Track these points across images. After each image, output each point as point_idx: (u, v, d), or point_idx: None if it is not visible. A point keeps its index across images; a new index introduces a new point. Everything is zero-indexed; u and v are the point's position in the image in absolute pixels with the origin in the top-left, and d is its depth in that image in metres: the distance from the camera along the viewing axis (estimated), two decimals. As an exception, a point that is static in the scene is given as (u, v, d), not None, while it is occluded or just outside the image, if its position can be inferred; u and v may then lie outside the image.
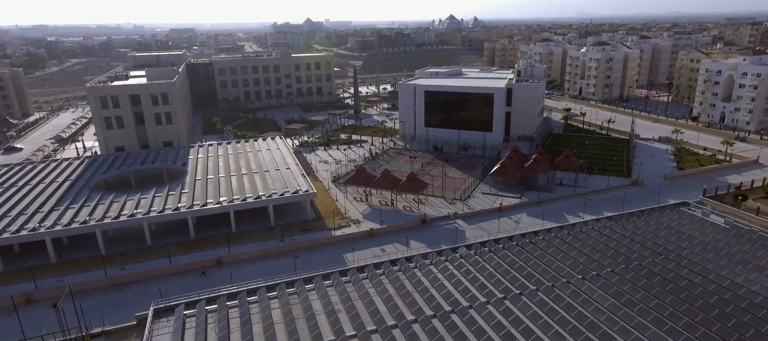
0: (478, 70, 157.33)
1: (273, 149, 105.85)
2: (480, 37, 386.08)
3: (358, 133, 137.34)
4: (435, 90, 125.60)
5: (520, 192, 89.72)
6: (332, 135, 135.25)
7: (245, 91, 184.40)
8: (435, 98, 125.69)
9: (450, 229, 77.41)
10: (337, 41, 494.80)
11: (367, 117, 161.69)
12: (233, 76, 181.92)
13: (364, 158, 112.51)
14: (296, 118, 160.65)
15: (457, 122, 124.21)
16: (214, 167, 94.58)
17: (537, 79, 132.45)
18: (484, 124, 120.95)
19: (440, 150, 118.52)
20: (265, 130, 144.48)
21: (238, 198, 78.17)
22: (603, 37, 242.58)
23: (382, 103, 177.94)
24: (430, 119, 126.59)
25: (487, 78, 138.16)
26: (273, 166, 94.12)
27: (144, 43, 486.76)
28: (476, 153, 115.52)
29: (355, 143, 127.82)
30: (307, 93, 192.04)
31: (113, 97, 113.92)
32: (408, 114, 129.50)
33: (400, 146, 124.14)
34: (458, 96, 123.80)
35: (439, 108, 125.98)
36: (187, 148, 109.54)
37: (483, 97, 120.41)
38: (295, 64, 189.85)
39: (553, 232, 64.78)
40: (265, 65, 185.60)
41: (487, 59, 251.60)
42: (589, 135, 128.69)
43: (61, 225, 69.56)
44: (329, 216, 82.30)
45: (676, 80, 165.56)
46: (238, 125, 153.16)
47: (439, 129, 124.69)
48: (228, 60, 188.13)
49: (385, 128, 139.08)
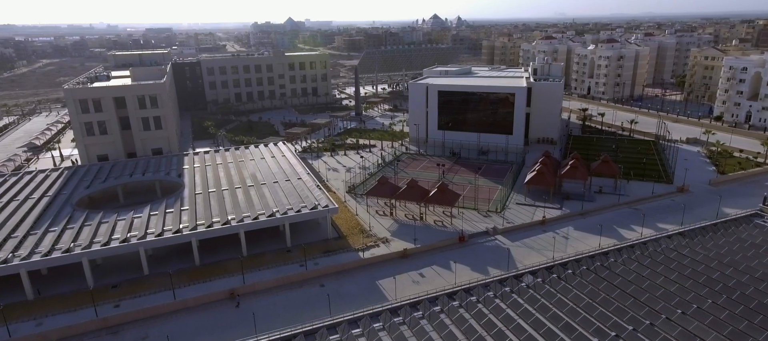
0: (487, 69, 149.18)
1: (278, 156, 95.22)
2: (470, 36, 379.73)
3: (364, 136, 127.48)
4: (449, 90, 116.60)
5: (559, 202, 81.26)
6: (337, 139, 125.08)
7: (236, 92, 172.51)
8: (449, 99, 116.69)
9: (492, 248, 68.32)
10: (322, 40, 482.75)
11: (370, 119, 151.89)
12: (223, 77, 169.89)
13: (377, 165, 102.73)
14: (294, 120, 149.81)
15: (474, 124, 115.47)
16: (214, 178, 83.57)
17: (555, 78, 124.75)
18: (503, 126, 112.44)
19: (458, 155, 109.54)
20: (262, 134, 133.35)
21: (249, 216, 67.59)
22: (601, 36, 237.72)
23: (382, 103, 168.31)
24: (443, 121, 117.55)
25: (502, 77, 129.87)
26: (281, 176, 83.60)
27: (120, 43, 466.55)
28: (497, 157, 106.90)
29: (362, 148, 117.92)
30: (302, 94, 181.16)
31: (95, 100, 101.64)
32: (419, 116, 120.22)
33: (414, 151, 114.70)
34: (475, 96, 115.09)
35: (453, 109, 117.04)
36: (181, 156, 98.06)
37: (503, 97, 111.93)
38: (289, 64, 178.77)
39: (625, 253, 56.27)
40: (256, 65, 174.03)
41: (487, 58, 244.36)
42: (612, 137, 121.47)
43: (40, 254, 58.02)
44: (352, 234, 72.39)
45: (689, 78, 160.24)
46: (231, 129, 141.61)
47: (453, 132, 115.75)
48: (217, 59, 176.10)
49: (394, 131, 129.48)
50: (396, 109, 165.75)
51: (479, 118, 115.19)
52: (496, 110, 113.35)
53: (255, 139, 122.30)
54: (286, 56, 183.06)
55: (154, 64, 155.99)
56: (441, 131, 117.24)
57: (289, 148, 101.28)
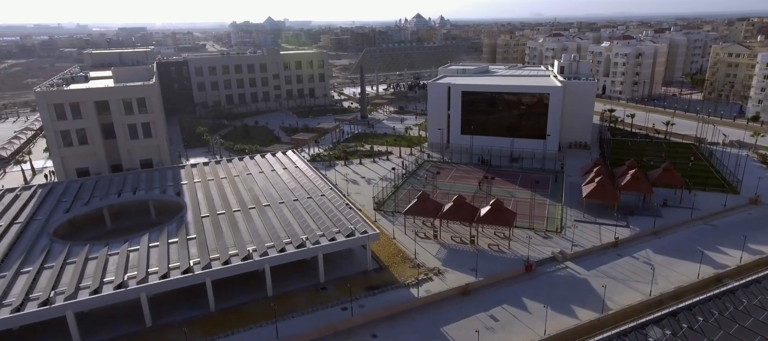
0: (505, 68, 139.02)
1: (290, 168, 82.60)
2: (461, 35, 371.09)
3: (377, 142, 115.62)
4: (475, 90, 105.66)
5: (623, 218, 71.03)
6: (347, 146, 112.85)
7: (227, 94, 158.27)
8: (475, 100, 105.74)
9: (566, 278, 57.44)
10: (307, 40, 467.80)
11: (377, 122, 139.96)
12: (213, 77, 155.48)
13: (401, 176, 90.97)
14: (294, 124, 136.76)
15: (502, 128, 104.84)
16: (221, 196, 70.55)
17: (584, 76, 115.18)
18: (535, 129, 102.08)
19: (489, 163, 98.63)
20: (261, 140, 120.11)
21: (274, 247, 55.19)
22: (603, 33, 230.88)
23: (387, 105, 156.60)
24: (468, 125, 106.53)
25: (527, 75, 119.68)
26: (301, 192, 71.09)
27: (92, 42, 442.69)
28: (532, 165, 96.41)
29: (378, 155, 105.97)
30: (298, 95, 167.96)
31: (73, 105, 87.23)
32: (439, 119, 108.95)
33: (437, 159, 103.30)
34: (504, 97, 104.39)
35: (479, 112, 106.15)
36: (176, 168, 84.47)
37: (535, 98, 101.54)
38: (284, 63, 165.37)
39: (755, 290, 45.87)
40: (249, 64, 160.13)
41: (488, 57, 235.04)
42: (647, 140, 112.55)
43: (9, 308, 44.57)
44: (395, 263, 60.67)
45: (709, 76, 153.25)
46: (226, 135, 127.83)
47: (478, 137, 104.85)
48: (205, 58, 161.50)
49: (409, 137, 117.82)
50: (403, 111, 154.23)
51: (508, 122, 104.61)
52: (527, 112, 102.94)
53: (257, 146, 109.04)
54: (281, 55, 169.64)
55: (136, 64, 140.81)
56: (465, 136, 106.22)
57: (300, 158, 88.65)
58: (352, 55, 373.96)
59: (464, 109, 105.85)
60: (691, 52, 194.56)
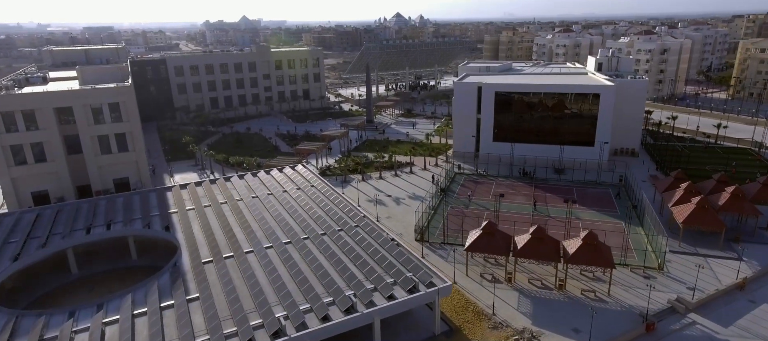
0: (529, 65, 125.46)
1: (305, 188, 66.52)
2: (451, 33, 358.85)
3: (393, 150, 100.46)
4: (511, 90, 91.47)
5: (728, 247, 57.70)
6: (359, 156, 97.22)
7: (212, 97, 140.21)
8: (510, 102, 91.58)
9: (700, 339, 43.32)
10: (287, 39, 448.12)
11: (386, 127, 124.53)
12: (195, 78, 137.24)
13: (436, 195, 75.86)
14: (292, 131, 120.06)
15: (542, 134, 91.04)
16: (224, 230, 54.14)
17: (627, 74, 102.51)
18: (582, 135, 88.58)
19: (532, 175, 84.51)
20: (257, 150, 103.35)
21: (312, 311, 39.38)
22: (605, 31, 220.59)
23: (392, 108, 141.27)
24: (501, 131, 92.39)
25: (563, 74, 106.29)
26: (328, 223, 55.27)
27: (55, 41, 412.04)
28: (584, 177, 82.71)
29: (399, 167, 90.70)
30: (291, 97, 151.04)
31: (26, 112, 69.21)
32: (466, 123, 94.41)
33: (469, 171, 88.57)
34: (545, 98, 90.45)
35: (515, 115, 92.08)
36: (161, 191, 67.40)
37: (584, 99, 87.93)
38: (276, 62, 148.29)
39: None
40: (236, 63, 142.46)
41: (490, 54, 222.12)
42: (695, 145, 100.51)
43: None
44: (468, 320, 45.61)
45: (738, 73, 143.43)
46: (214, 144, 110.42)
47: (514, 144, 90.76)
48: (187, 56, 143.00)
49: (430, 144, 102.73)
50: (411, 114, 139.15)
51: (549, 127, 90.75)
52: (572, 115, 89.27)
53: (257, 159, 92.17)
54: (272, 52, 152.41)
55: (106, 63, 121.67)
56: (498, 144, 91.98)
57: (314, 174, 72.52)
58: (337, 54, 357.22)
59: (498, 112, 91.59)
60: (702, 50, 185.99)
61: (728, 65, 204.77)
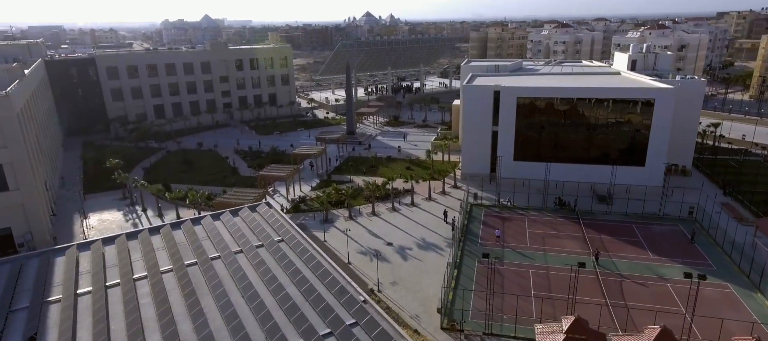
0: (542, 64, 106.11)
1: (269, 246, 44.27)
2: (430, 31, 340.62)
3: (383, 172, 79.37)
4: (538, 95, 71.48)
5: None
6: (342, 181, 75.57)
7: (156, 104, 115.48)
8: (536, 110, 71.70)
9: None
10: (252, 38, 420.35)
11: (370, 138, 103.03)
12: (134, 81, 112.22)
13: (456, 241, 54.91)
14: (255, 146, 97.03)
15: (576, 151, 71.55)
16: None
17: (666, 74, 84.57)
18: (628, 151, 69.57)
19: (570, 206, 64.66)
20: (210, 174, 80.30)
21: None
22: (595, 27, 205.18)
23: (375, 115, 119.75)
24: (525, 147, 72.46)
25: (594, 74, 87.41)
26: (307, 328, 33.32)
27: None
28: (644, 210, 63.38)
29: (397, 196, 69.35)
30: (255, 103, 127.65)
31: None
32: (479, 138, 74.08)
33: (489, 202, 68.03)
34: (580, 105, 70.87)
35: (542, 127, 72.24)
36: (49, 254, 43.93)
37: (633, 105, 68.81)
38: (236, 61, 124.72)
39: None
40: (186, 62, 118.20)
41: (478, 52, 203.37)
42: (751, 158, 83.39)
43: None
44: None
45: (762, 71, 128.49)
46: (155, 167, 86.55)
47: (540, 164, 71.01)
48: (123, 55, 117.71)
49: (431, 163, 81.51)
50: (398, 122, 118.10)
51: (586, 141, 71.30)
52: (615, 126, 70.03)
53: (205, 192, 68.94)
54: (231, 50, 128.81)
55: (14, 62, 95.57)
56: (521, 163, 71.98)
57: (283, 219, 50.11)
58: (306, 53, 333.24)
59: (520, 123, 71.58)
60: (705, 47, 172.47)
61: (728, 64, 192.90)
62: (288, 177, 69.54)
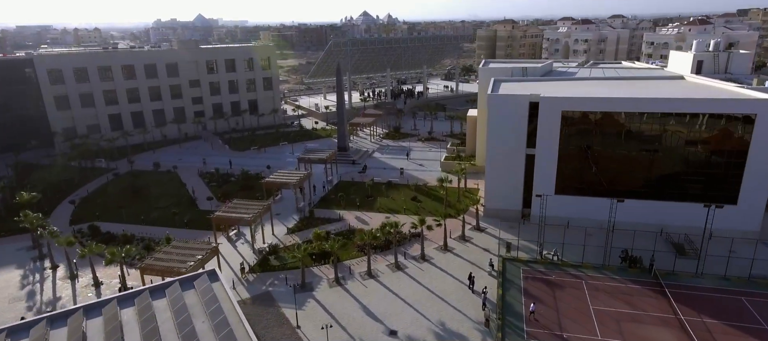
0: (575, 64, 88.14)
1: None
2: (428, 30, 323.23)
3: (382, 204, 61.48)
4: (591, 108, 53.35)
5: None
6: (332, 220, 57.50)
7: (112, 114, 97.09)
8: (586, 127, 53.76)
9: None
10: (244, 38, 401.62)
11: (366, 156, 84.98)
12: (83, 86, 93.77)
13: (493, 321, 36.83)
14: (225, 167, 78.75)
15: (639, 183, 53.66)
16: None
17: (746, 78, 67.06)
18: (712, 184, 51.77)
19: (644, 264, 46.64)
20: (156, 209, 62.17)
21: None
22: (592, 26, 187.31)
23: (372, 124, 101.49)
24: (571, 177, 54.57)
25: (650, 78, 69.46)
26: None
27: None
28: (751, 271, 45.44)
29: (402, 243, 51.24)
30: (232, 111, 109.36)
31: None
32: (510, 163, 56.10)
33: (527, 257, 49.94)
34: (644, 122, 52.87)
35: (593, 150, 54.23)
36: None
37: (723, 122, 50.93)
38: (209, 62, 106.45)
39: None
40: (148, 64, 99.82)
41: (485, 51, 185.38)
42: None
43: None
44: None
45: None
46: (88, 199, 68.19)
47: (591, 200, 53.18)
48: (70, 56, 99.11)
49: (445, 193, 62.80)
50: (400, 134, 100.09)
51: (653, 169, 53.40)
52: (693, 150, 52.15)
53: (134, 249, 50.76)
54: (203, 49, 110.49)
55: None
56: (565, 198, 54.02)
57: (235, 309, 31.90)
58: (300, 53, 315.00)
59: (566, 145, 53.69)
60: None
61: (761, 64, 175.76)
62: (253, 222, 51.33)
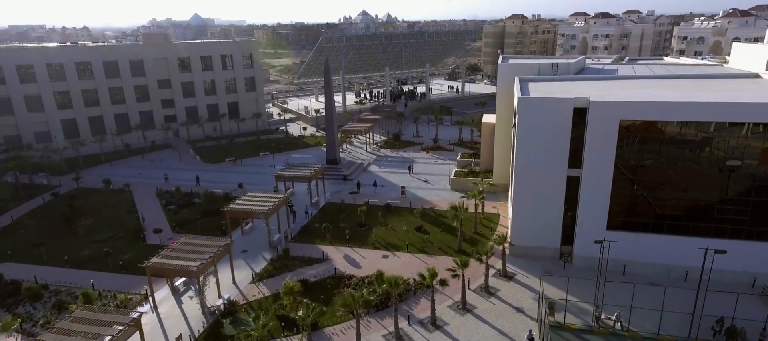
0: (610, 61, 74.56)
1: None
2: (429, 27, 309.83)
3: (378, 237, 48.12)
4: (666, 116, 39.57)
5: None
6: (314, 259, 44.02)
7: (66, 119, 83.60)
8: (648, 141, 40.15)
9: None
10: (238, 37, 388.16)
11: (360, 169, 71.41)
12: (29, 87, 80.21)
13: None
14: (192, 184, 65.09)
15: (720, 216, 40.05)
16: None
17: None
18: (827, 220, 38.24)
19: (752, 339, 33.08)
20: (96, 245, 48.69)
21: None
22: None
23: (368, 131, 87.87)
24: (629, 206, 41.00)
25: (710, 76, 55.58)
26: None
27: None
28: None
29: (403, 298, 37.67)
30: (209, 116, 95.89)
31: None
32: (546, 187, 42.53)
33: (581, 323, 36.31)
34: (730, 134, 39.28)
35: (661, 171, 40.64)
36: None
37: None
38: (181, 60, 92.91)
39: None
40: (108, 62, 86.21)
41: (493, 49, 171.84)
42: None
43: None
44: None
45: None
46: (16, 224, 54.64)
47: (648, 236, 39.68)
48: (14, 51, 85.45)
49: (459, 225, 49.16)
50: (400, 142, 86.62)
51: (737, 197, 39.82)
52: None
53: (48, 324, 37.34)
54: (174, 45, 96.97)
55: None
56: (621, 235, 40.40)
57: None
58: (295, 52, 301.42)
59: (623, 165, 40.18)
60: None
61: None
62: (199, 274, 37.70)
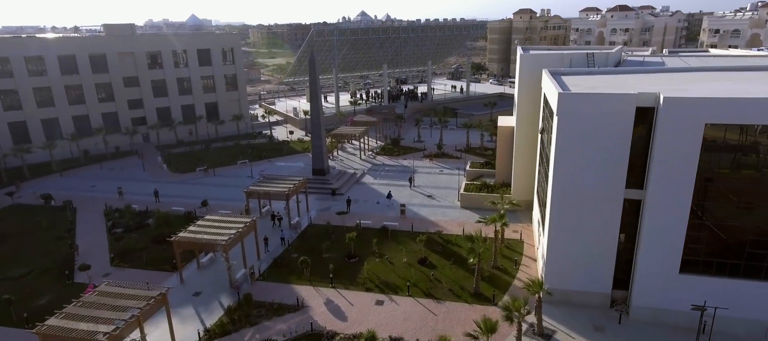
0: (648, 52, 63.87)
1: None
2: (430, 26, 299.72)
3: (368, 273, 36.99)
4: (752, 119, 28.61)
5: None
6: (283, 308, 32.95)
7: (14, 122, 72.58)
8: (741, 154, 29.11)
9: None
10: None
11: (349, 181, 60.41)
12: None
13: None
14: (148, 201, 54.13)
15: None
16: None
17: None
18: None
19: None
20: (11, 283, 37.61)
21: None
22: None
23: (363, 135, 76.88)
24: (711, 242, 29.91)
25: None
26: None
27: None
28: None
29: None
30: (185, 119, 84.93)
31: None
32: (593, 213, 31.44)
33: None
34: None
35: (758, 195, 29.59)
36: None
37: None
38: (151, 54, 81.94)
39: None
40: (65, 56, 75.18)
41: (498, 46, 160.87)
42: None
43: None
44: None
45: None
46: None
47: (740, 282, 28.64)
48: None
49: (477, 261, 38.35)
50: (399, 148, 75.65)
51: None
52: None
53: None
54: (141, 38, 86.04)
55: None
56: (700, 280, 29.40)
57: None
58: (292, 51, 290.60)
59: (704, 187, 29.14)
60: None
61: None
62: (118, 338, 26.58)
